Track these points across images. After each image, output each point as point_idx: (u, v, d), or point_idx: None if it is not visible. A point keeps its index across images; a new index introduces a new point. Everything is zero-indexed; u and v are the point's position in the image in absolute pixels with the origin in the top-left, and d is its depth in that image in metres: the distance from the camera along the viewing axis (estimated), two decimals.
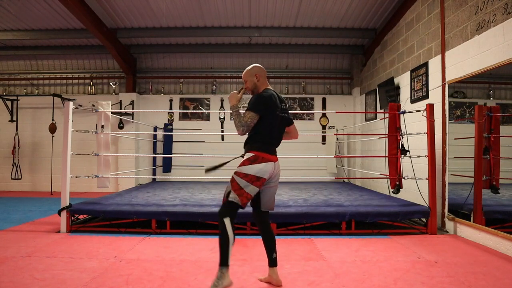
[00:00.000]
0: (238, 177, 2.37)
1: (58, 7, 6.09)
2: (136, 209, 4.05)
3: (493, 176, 3.73)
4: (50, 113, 7.48)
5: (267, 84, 2.60)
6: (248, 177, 2.35)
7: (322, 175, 7.78)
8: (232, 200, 2.33)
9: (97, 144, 4.61)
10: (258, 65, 2.62)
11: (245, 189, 2.33)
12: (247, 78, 2.59)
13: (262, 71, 2.59)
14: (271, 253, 2.52)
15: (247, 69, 2.61)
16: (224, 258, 2.30)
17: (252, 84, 2.57)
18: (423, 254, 3.23)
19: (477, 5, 3.74)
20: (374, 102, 6.86)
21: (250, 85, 2.58)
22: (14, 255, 3.09)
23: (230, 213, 2.35)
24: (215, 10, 6.39)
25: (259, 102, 2.44)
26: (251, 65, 2.62)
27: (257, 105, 2.43)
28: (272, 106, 2.45)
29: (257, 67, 2.60)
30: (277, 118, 2.49)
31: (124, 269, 2.78)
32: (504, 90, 3.96)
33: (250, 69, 2.60)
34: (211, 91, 8.19)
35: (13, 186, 7.81)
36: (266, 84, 2.60)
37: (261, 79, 2.57)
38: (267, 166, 2.40)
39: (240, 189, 2.33)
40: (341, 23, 6.82)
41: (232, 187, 2.36)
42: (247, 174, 2.35)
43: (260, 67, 2.61)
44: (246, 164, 2.38)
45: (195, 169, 7.81)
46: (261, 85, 2.57)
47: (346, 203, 4.41)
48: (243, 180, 2.34)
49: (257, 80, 2.56)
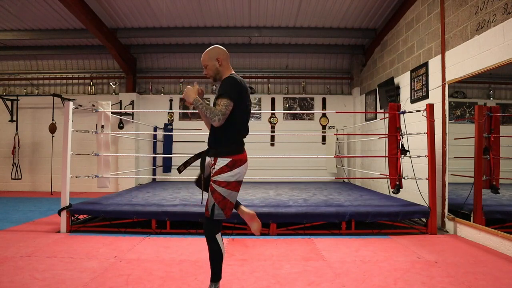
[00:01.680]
0: (219, 186, 2.14)
1: (58, 7, 6.09)
2: (136, 209, 4.05)
3: (493, 176, 3.73)
4: (50, 113, 7.48)
5: (231, 69, 2.31)
6: (230, 185, 2.16)
7: (322, 175, 7.78)
8: (217, 218, 2.16)
9: (97, 144, 4.61)
10: (219, 46, 2.30)
11: (228, 198, 2.16)
12: (207, 63, 2.26)
13: (224, 53, 2.29)
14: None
15: (207, 51, 2.28)
16: (217, 274, 2.22)
17: (214, 70, 2.27)
18: (423, 254, 3.23)
19: (477, 5, 3.74)
20: (374, 102, 6.86)
21: (212, 71, 2.27)
22: (14, 255, 3.09)
23: (218, 228, 2.21)
24: (215, 10, 6.39)
25: (233, 88, 2.14)
26: (211, 47, 2.30)
27: (230, 90, 2.13)
28: (245, 93, 2.21)
29: (218, 48, 2.29)
30: (248, 109, 2.27)
31: (124, 269, 2.78)
32: (504, 90, 3.96)
33: (209, 51, 2.27)
34: (211, 91, 8.20)
35: (13, 186, 7.80)
36: (230, 69, 2.30)
37: (224, 63, 2.27)
38: (245, 168, 2.24)
39: (224, 199, 2.15)
40: (341, 23, 6.82)
41: (215, 199, 2.14)
42: (229, 182, 2.15)
43: (221, 48, 2.30)
44: (225, 171, 2.15)
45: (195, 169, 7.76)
46: (224, 70, 2.28)
47: (346, 203, 4.41)
48: (225, 189, 2.15)
49: (219, 65, 2.26)
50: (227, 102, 2.11)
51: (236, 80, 2.18)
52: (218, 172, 2.16)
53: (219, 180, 2.15)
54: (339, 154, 7.65)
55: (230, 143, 2.21)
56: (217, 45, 2.33)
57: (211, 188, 2.18)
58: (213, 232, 2.18)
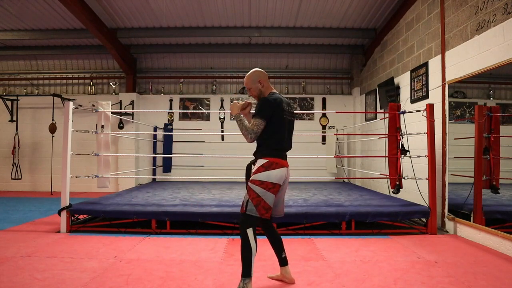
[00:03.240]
0: (254, 185, 2.33)
1: (58, 7, 6.09)
2: (136, 209, 4.05)
3: (493, 176, 3.73)
4: (50, 113, 7.48)
5: (271, 88, 2.55)
6: (264, 184, 2.31)
7: (322, 175, 7.78)
8: (250, 214, 2.30)
9: (97, 144, 4.61)
10: (258, 69, 2.55)
11: (262, 197, 2.30)
12: (251, 86, 2.52)
13: (264, 75, 2.53)
14: (280, 253, 2.53)
15: (248, 75, 2.53)
16: (247, 269, 2.27)
17: (257, 91, 2.51)
18: (423, 254, 3.23)
19: (477, 5, 3.74)
20: (374, 102, 6.86)
21: (255, 92, 2.52)
22: (14, 255, 3.09)
23: (251, 222, 2.31)
24: (215, 10, 6.39)
25: (265, 107, 2.38)
26: (251, 71, 2.54)
27: (262, 110, 2.37)
28: (278, 109, 2.39)
29: (258, 71, 2.53)
30: (285, 121, 2.45)
31: (124, 269, 2.78)
32: (504, 90, 3.96)
33: (251, 75, 2.52)
34: (211, 91, 8.20)
35: (13, 186, 7.80)
36: (270, 88, 2.54)
37: (265, 84, 2.52)
38: (281, 172, 2.37)
39: (258, 197, 2.30)
40: (341, 23, 6.82)
41: (250, 195, 2.33)
42: (262, 181, 2.31)
43: (260, 71, 2.54)
44: (260, 171, 2.34)
45: (195, 169, 7.82)
46: (266, 90, 2.51)
47: (346, 203, 4.41)
48: (259, 187, 2.31)
49: (261, 86, 2.50)
50: (259, 121, 2.35)
51: (269, 100, 2.39)
52: (255, 172, 2.37)
53: (254, 179, 2.35)
54: (339, 154, 7.65)
55: (269, 150, 2.41)
56: (257, 69, 2.57)
57: (248, 188, 2.38)
58: (245, 227, 2.30)
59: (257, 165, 2.38)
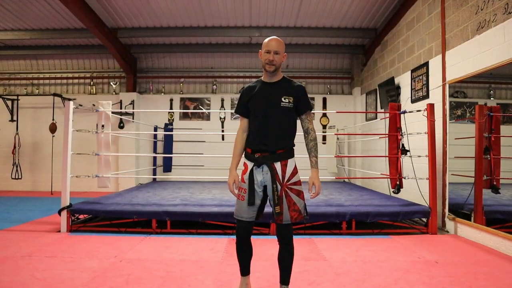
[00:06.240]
0: (300, 186, 2.20)
1: (59, 6, 6.09)
2: (137, 209, 4.05)
3: (494, 176, 3.73)
4: (51, 113, 7.47)
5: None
6: (301, 184, 2.22)
7: (323, 175, 7.71)
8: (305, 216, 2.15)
9: (97, 143, 4.61)
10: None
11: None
12: (281, 50, 2.17)
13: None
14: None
15: (279, 39, 2.19)
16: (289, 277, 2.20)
17: (280, 61, 2.19)
18: (423, 254, 3.23)
19: (477, 5, 3.74)
20: (374, 102, 6.85)
21: (279, 61, 2.18)
22: (14, 255, 3.09)
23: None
24: (216, 10, 6.38)
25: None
26: (276, 37, 2.22)
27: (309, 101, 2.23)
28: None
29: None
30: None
31: (124, 269, 2.78)
32: (504, 90, 3.96)
33: (283, 44, 2.22)
34: (211, 91, 8.19)
35: (13, 186, 7.80)
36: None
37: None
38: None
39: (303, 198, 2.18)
40: (341, 23, 6.81)
41: (303, 198, 2.18)
42: (301, 182, 2.22)
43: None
44: (296, 172, 2.20)
45: (196, 169, 7.81)
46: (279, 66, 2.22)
47: (346, 203, 4.40)
48: (301, 188, 2.20)
49: (284, 59, 2.22)
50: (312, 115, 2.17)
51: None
52: (294, 173, 2.18)
53: (298, 180, 2.21)
54: (340, 154, 7.64)
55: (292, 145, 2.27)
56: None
57: (294, 191, 2.14)
58: (292, 234, 2.17)
59: (291, 165, 2.19)
